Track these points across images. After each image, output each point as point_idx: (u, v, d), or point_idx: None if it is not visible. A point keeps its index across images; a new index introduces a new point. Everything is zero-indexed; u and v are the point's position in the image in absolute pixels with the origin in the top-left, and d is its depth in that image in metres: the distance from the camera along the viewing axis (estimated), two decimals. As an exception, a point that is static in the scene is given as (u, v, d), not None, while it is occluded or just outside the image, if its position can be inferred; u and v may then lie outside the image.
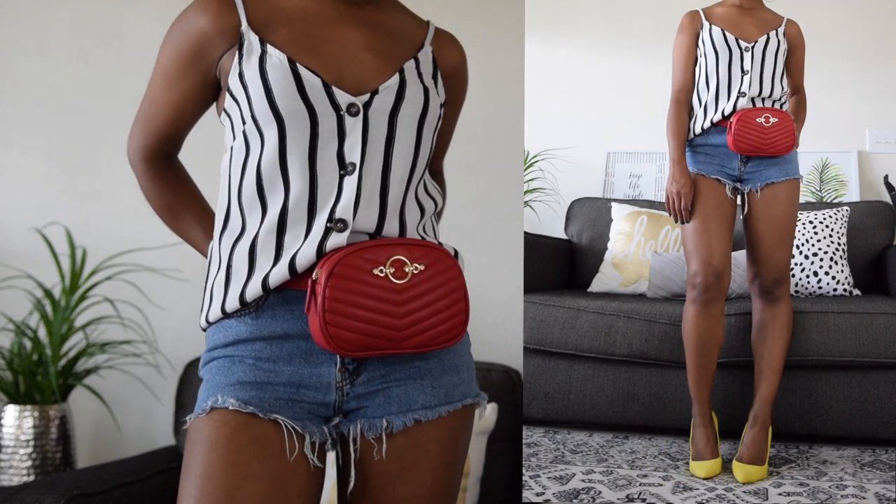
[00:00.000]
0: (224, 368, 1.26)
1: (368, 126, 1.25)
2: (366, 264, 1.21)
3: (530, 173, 2.96)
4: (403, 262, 1.23)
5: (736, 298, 2.65)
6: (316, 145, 1.24)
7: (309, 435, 1.25)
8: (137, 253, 2.79)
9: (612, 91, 3.13)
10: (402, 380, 1.29)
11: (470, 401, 1.34)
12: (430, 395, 1.29)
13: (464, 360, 1.35)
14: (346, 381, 1.27)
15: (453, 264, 1.27)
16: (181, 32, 1.30)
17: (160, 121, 1.35)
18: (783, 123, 2.37)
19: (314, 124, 1.24)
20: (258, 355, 1.26)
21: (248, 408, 1.22)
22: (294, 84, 1.23)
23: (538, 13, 2.71)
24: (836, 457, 2.51)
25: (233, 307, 1.26)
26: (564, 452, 2.57)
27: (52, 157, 3.06)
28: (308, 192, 1.24)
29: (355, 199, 1.24)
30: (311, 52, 1.26)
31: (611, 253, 2.93)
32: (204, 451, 1.21)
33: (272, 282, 1.23)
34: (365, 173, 1.25)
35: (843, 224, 2.82)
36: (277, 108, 1.23)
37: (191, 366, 2.76)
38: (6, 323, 2.82)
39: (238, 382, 1.24)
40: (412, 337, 1.24)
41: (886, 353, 2.49)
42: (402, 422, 1.28)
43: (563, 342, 2.63)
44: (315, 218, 1.24)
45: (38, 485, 2.28)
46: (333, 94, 1.24)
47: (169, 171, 1.42)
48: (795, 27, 2.49)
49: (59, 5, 3.07)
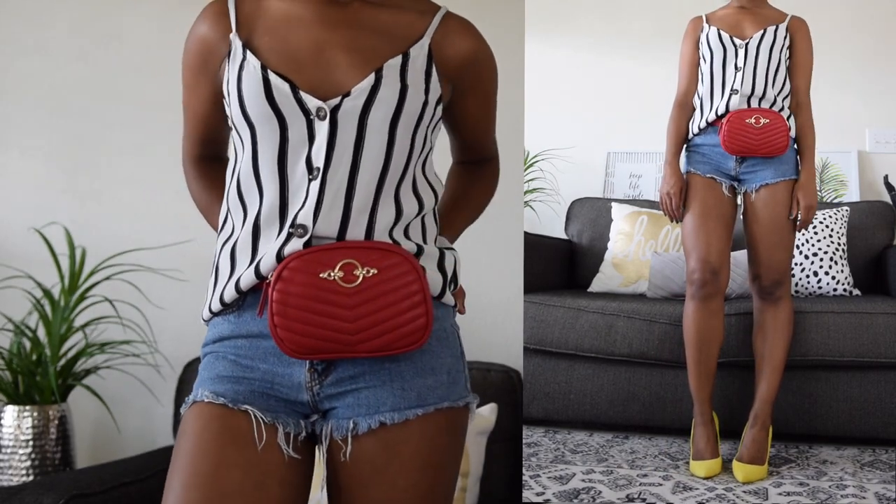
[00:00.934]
0: (209, 364, 1.32)
1: (337, 129, 1.25)
2: (314, 267, 1.22)
3: (530, 173, 2.96)
4: (354, 266, 1.22)
5: (736, 298, 2.65)
6: (286, 150, 1.26)
7: (282, 426, 1.27)
8: (137, 253, 2.79)
9: (612, 91, 3.13)
10: (372, 382, 1.28)
11: (447, 405, 1.30)
12: (399, 398, 1.28)
13: (442, 363, 1.32)
14: (315, 382, 1.28)
15: (410, 269, 1.25)
16: (189, 41, 1.36)
17: (193, 127, 1.42)
18: (774, 124, 2.37)
19: (283, 129, 1.25)
20: (238, 352, 1.30)
21: (220, 399, 1.26)
22: (263, 90, 1.25)
23: (538, 13, 2.70)
24: (836, 457, 2.51)
25: (217, 307, 1.30)
26: (564, 452, 2.57)
27: (52, 157, 3.06)
28: (279, 197, 1.26)
29: (316, 204, 1.24)
30: (286, 57, 1.28)
31: (611, 253, 2.93)
32: (182, 441, 1.26)
33: (243, 284, 1.27)
34: (329, 177, 1.25)
35: (843, 224, 2.82)
36: (248, 115, 1.26)
37: (190, 366, 2.76)
38: (5, 323, 2.82)
39: (217, 376, 1.29)
40: (366, 341, 1.23)
41: (886, 353, 2.49)
42: (367, 424, 1.27)
43: (563, 342, 2.63)
44: (286, 223, 1.26)
45: (38, 485, 2.27)
46: (302, 99, 1.25)
47: (213, 171, 1.46)
48: (799, 22, 2.47)
49: (59, 5, 3.06)
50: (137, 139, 3.01)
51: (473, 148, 1.50)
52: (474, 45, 1.37)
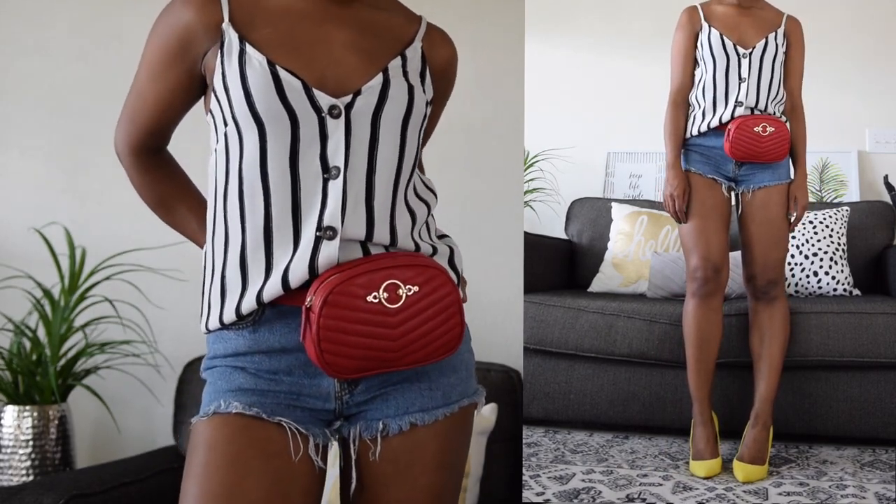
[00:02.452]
0: (226, 374, 1.27)
1: (351, 128, 1.23)
2: (360, 290, 1.19)
3: (530, 173, 2.96)
4: (397, 286, 1.21)
5: (735, 298, 2.65)
6: (297, 149, 1.21)
7: (312, 437, 1.26)
8: (137, 253, 2.79)
9: (612, 91, 3.13)
10: (399, 383, 1.29)
11: (467, 401, 1.34)
12: (427, 398, 1.29)
13: (462, 359, 1.34)
14: (345, 391, 1.28)
15: (446, 280, 1.25)
16: (166, 26, 1.28)
17: (145, 115, 1.33)
18: (779, 133, 2.40)
19: (295, 127, 1.21)
20: (258, 367, 1.26)
21: (253, 409, 1.23)
22: (273, 86, 1.21)
23: (538, 13, 2.70)
24: (836, 457, 2.51)
25: (230, 319, 1.25)
26: (564, 452, 2.56)
27: (52, 157, 3.06)
28: (291, 198, 1.22)
29: (342, 205, 1.22)
30: (293, 52, 1.24)
31: (611, 253, 2.93)
32: (204, 451, 1.22)
33: (266, 297, 1.23)
34: (350, 177, 1.23)
35: (843, 224, 2.82)
36: (257, 111, 1.21)
37: (190, 366, 2.76)
38: (5, 323, 2.82)
39: (240, 389, 1.25)
40: (409, 355, 1.24)
41: (886, 353, 2.49)
42: (398, 425, 1.28)
43: (563, 342, 2.63)
44: (302, 226, 1.22)
45: (38, 485, 2.27)
46: (314, 96, 1.22)
47: (158, 163, 1.40)
48: (795, 24, 2.48)
49: (59, 5, 3.06)
50: (137, 139, 3.01)
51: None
52: (452, 55, 1.40)
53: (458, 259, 1.36)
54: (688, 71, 2.50)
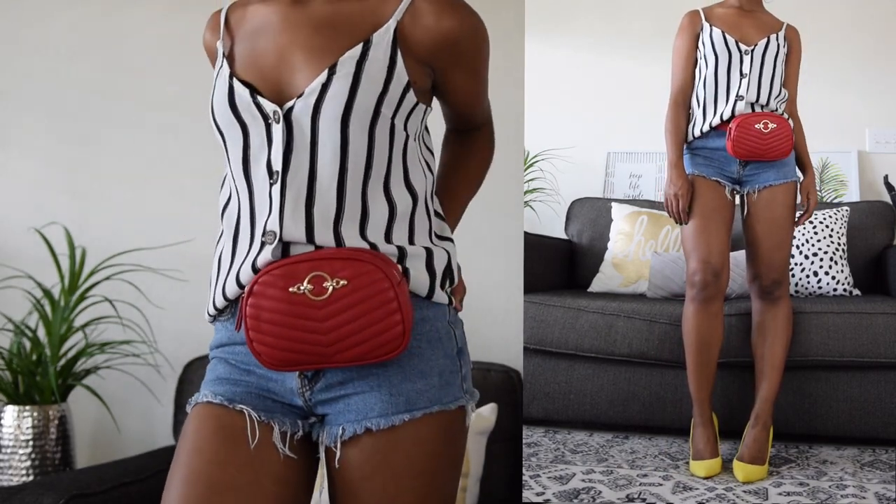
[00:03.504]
0: (212, 367, 1.35)
1: (292, 132, 1.24)
2: (279, 281, 1.21)
3: (530, 173, 2.96)
4: (323, 278, 1.20)
5: (736, 298, 2.65)
6: (248, 155, 1.27)
7: (278, 425, 1.28)
8: (137, 253, 2.79)
9: (612, 91, 3.13)
10: (361, 388, 1.27)
11: (438, 409, 1.27)
12: (387, 404, 1.26)
13: (432, 366, 1.28)
14: (305, 388, 1.29)
15: (381, 276, 1.21)
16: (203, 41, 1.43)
17: None
18: (781, 129, 2.39)
19: (245, 135, 1.27)
20: (236, 357, 1.32)
21: (218, 398, 1.28)
22: (227, 96, 1.28)
23: (538, 13, 2.70)
24: (836, 457, 2.51)
25: (212, 311, 1.33)
26: (564, 452, 2.57)
27: (52, 157, 3.06)
28: (248, 203, 1.28)
29: (280, 209, 1.23)
30: (252, 64, 1.30)
31: (611, 253, 2.93)
32: (181, 440, 1.29)
33: (228, 293, 1.28)
34: (289, 181, 1.24)
35: (843, 224, 2.82)
36: (217, 121, 1.30)
37: (190, 366, 2.76)
38: (5, 323, 2.82)
39: (217, 378, 1.32)
40: (343, 351, 1.22)
41: (886, 353, 2.49)
42: (353, 429, 1.26)
43: (563, 342, 2.63)
44: (256, 230, 1.27)
45: (38, 485, 2.27)
46: (260, 104, 1.26)
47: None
48: (794, 32, 2.50)
49: (59, 5, 3.06)
50: (137, 139, 3.01)
51: (463, 118, 1.50)
52: (449, 24, 1.31)
53: (441, 262, 1.30)
54: (689, 71, 2.50)
